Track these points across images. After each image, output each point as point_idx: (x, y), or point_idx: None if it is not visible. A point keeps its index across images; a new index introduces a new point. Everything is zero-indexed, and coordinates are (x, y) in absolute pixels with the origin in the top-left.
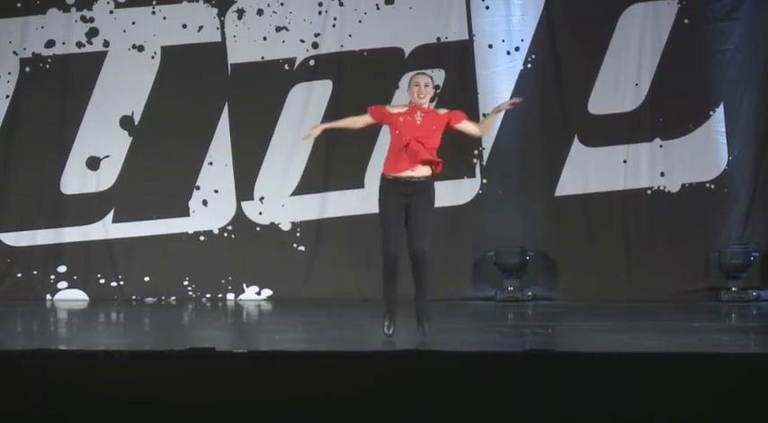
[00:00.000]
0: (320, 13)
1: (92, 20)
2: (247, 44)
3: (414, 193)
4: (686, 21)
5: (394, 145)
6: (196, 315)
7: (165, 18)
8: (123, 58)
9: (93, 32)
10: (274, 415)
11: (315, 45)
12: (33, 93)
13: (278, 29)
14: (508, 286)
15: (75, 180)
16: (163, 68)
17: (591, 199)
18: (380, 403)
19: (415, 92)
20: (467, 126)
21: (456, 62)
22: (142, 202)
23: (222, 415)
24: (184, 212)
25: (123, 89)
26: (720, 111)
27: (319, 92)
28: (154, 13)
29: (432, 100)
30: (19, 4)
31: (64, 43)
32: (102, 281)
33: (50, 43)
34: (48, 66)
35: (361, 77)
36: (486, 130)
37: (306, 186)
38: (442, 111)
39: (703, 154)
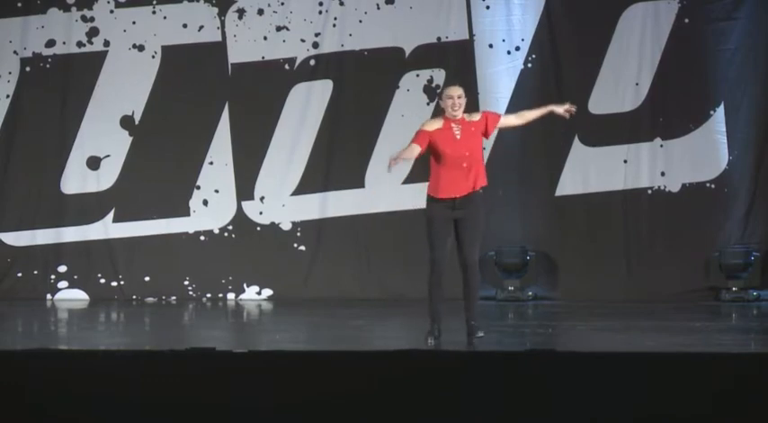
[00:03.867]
0: (320, 12)
1: (92, 19)
2: (248, 44)
3: (462, 206)
4: (686, 21)
5: (439, 167)
6: (196, 315)
7: (165, 18)
8: (123, 58)
9: (93, 32)
10: (274, 415)
11: (315, 45)
12: (34, 93)
13: (278, 28)
14: (508, 286)
15: (76, 180)
16: (163, 68)
17: (591, 199)
18: (381, 403)
19: (449, 105)
20: (507, 121)
21: (456, 62)
22: (142, 202)
23: (222, 415)
24: (185, 212)
25: (123, 89)
26: (720, 111)
27: (319, 92)
28: (154, 12)
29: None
30: (19, 4)
31: (64, 43)
32: (102, 281)
33: (51, 43)
34: (48, 65)
35: (362, 77)
36: (528, 120)
37: (306, 186)
38: (475, 116)
39: (703, 154)
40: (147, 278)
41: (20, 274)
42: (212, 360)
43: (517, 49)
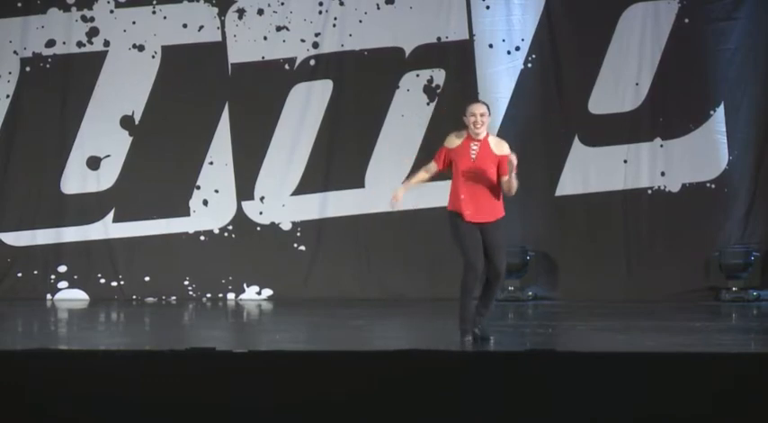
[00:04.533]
0: (320, 12)
1: (92, 19)
2: (248, 44)
3: (482, 226)
4: (686, 21)
5: (456, 182)
6: (196, 315)
7: (165, 18)
8: (123, 58)
9: (93, 32)
10: (274, 415)
11: (315, 45)
12: (34, 93)
13: (278, 28)
14: (509, 286)
15: (76, 180)
16: (163, 68)
17: (591, 199)
18: (381, 403)
19: (471, 122)
20: (504, 179)
21: (456, 62)
22: (142, 202)
23: (222, 415)
24: (185, 212)
25: (123, 89)
26: (720, 111)
27: (319, 92)
28: (154, 12)
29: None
30: (19, 4)
31: (64, 43)
32: (102, 281)
33: (51, 43)
34: (48, 65)
35: (362, 77)
36: (510, 191)
37: (306, 186)
38: (502, 147)
39: (703, 154)
40: (147, 278)
41: (20, 274)
42: (212, 360)
43: (517, 49)
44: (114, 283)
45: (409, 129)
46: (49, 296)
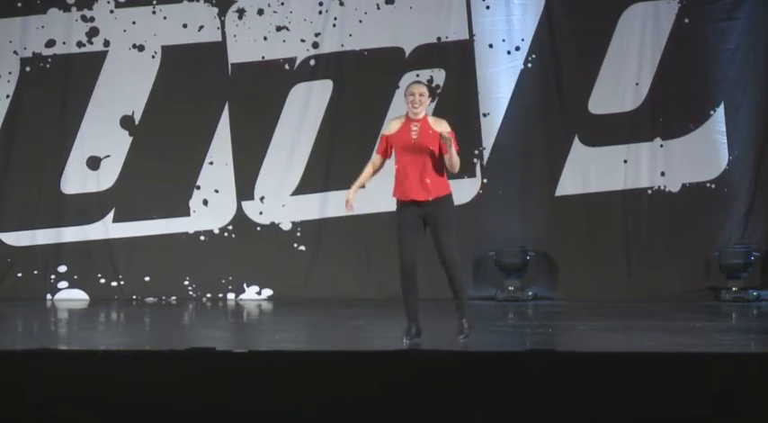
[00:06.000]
0: (320, 12)
1: (92, 19)
2: (248, 44)
3: (429, 207)
4: (686, 21)
5: (397, 167)
6: (196, 315)
7: (165, 18)
8: (123, 58)
9: (93, 32)
10: (274, 415)
11: (315, 45)
12: (34, 93)
13: (278, 28)
14: (508, 286)
15: (76, 180)
16: (163, 68)
17: (591, 199)
18: (380, 403)
19: (410, 101)
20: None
21: (456, 62)
22: (142, 202)
23: (222, 415)
24: (185, 212)
25: (123, 89)
26: (721, 110)
27: (319, 92)
28: (154, 12)
29: (432, 100)
30: (19, 4)
31: (64, 43)
32: (102, 281)
33: (51, 43)
34: (48, 65)
35: (362, 77)
36: (452, 167)
37: (306, 186)
38: (441, 125)
39: (703, 154)
40: (147, 278)
41: (20, 274)
42: (212, 360)
43: (517, 49)
44: (114, 283)
45: None
46: (49, 296)
